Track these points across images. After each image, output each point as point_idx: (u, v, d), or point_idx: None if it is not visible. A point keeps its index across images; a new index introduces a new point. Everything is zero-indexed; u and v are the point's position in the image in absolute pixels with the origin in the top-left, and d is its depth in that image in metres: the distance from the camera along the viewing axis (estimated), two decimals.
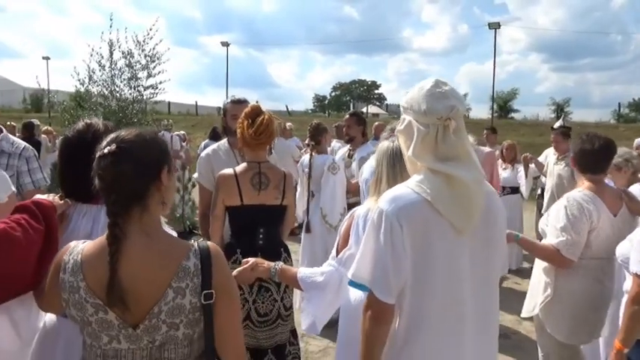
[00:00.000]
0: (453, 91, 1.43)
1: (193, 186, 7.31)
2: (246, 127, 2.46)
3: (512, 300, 4.43)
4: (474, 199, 1.39)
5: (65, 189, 1.59)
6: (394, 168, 1.69)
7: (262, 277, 1.96)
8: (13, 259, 1.30)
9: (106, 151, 1.19)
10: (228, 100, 2.99)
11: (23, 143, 2.78)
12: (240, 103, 2.90)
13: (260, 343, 2.48)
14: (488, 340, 1.48)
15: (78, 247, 1.25)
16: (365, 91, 59.86)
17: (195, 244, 1.25)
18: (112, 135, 1.24)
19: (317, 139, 4.24)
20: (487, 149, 5.25)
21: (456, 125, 1.39)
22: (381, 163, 1.74)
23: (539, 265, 2.50)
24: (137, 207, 1.20)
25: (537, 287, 2.49)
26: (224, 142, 3.02)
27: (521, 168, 5.85)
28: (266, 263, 1.89)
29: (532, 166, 5.64)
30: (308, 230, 4.20)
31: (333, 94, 60.28)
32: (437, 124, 1.39)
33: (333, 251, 1.85)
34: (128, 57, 7.90)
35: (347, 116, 4.55)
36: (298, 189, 4.42)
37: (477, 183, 1.41)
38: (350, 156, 4.48)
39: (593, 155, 2.41)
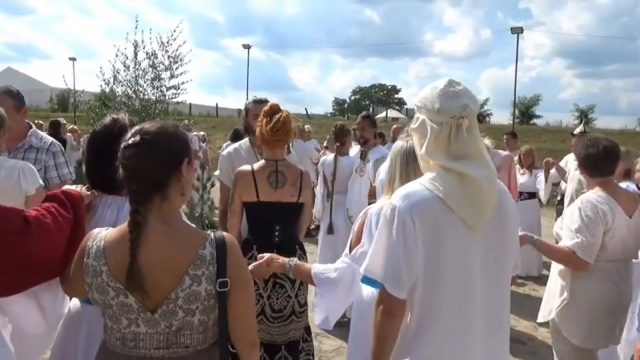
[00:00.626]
0: (466, 90, 1.45)
1: (212, 186, 7.41)
2: (265, 124, 2.51)
3: (529, 306, 4.39)
4: (486, 197, 1.40)
5: (92, 180, 1.65)
6: (407, 166, 1.71)
7: (277, 272, 1.99)
8: (43, 245, 1.36)
9: (130, 141, 1.24)
10: (250, 100, 3.07)
11: (51, 139, 2.88)
12: (262, 102, 2.95)
13: (274, 338, 2.51)
14: (498, 338, 1.48)
15: (101, 234, 1.30)
16: (385, 95, 59.60)
17: (212, 234, 1.29)
18: (137, 127, 1.30)
19: (342, 140, 4.26)
20: (504, 152, 5.20)
21: (468, 124, 1.40)
22: (395, 161, 1.76)
23: (555, 269, 2.48)
24: (158, 196, 1.25)
25: (553, 291, 2.47)
26: (245, 141, 3.08)
27: (540, 173, 5.77)
28: (281, 259, 1.92)
29: (553, 171, 5.57)
30: (332, 232, 4.19)
31: (353, 97, 60.21)
32: (450, 123, 1.41)
33: (347, 248, 1.87)
34: (152, 58, 8.07)
35: (359, 119, 4.56)
36: (317, 190, 4.43)
37: (489, 181, 1.41)
38: (362, 157, 4.50)
39: (599, 158, 2.39)
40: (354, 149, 6.62)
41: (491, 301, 1.44)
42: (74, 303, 1.62)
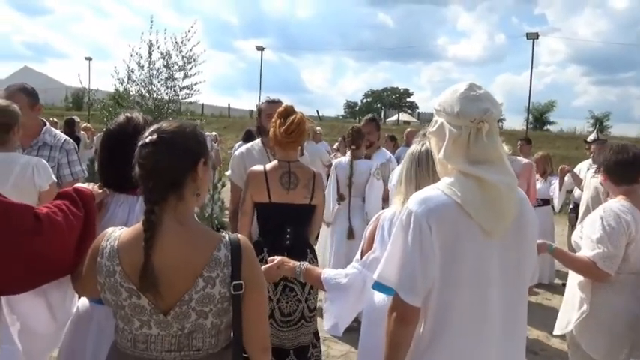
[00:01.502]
0: (488, 94, 1.43)
1: (223, 186, 7.43)
2: (278, 125, 2.50)
3: (542, 315, 4.32)
4: (505, 204, 1.38)
5: (104, 179, 1.65)
6: (410, 170, 1.71)
7: (287, 275, 1.98)
8: (54, 243, 1.36)
9: (147, 140, 1.24)
10: (264, 101, 3.06)
11: (64, 136, 2.89)
12: (275, 103, 2.94)
13: (283, 342, 2.49)
14: (515, 346, 1.46)
15: (115, 233, 1.30)
16: (397, 98, 59.53)
17: (226, 235, 1.28)
18: (155, 126, 1.29)
19: (358, 142, 4.23)
20: (525, 160, 5.13)
21: (489, 128, 1.39)
22: (404, 165, 1.76)
23: (574, 280, 2.42)
24: (173, 196, 1.24)
25: (572, 302, 2.41)
26: (258, 141, 3.08)
27: (554, 180, 5.69)
28: (292, 262, 1.91)
29: (567, 178, 5.48)
30: (351, 236, 4.12)
31: (365, 100, 60.14)
32: (469, 127, 1.39)
33: (358, 254, 1.85)
34: (166, 58, 8.12)
35: (365, 122, 4.51)
36: (327, 193, 4.41)
37: (508, 188, 1.40)
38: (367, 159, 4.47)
39: (627, 165, 2.34)
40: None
41: (508, 309, 1.42)
42: (83, 302, 1.62)
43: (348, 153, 4.31)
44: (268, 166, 2.56)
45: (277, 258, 1.91)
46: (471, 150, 1.39)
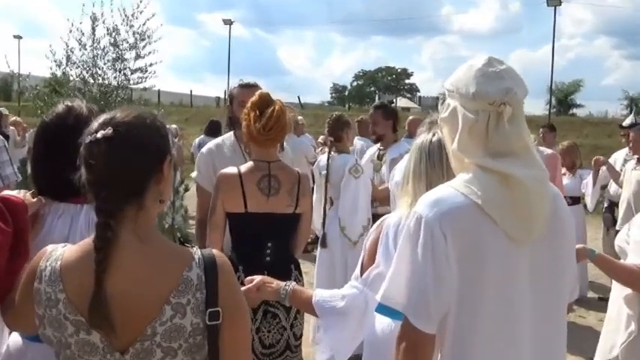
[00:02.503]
0: (510, 70, 1.43)
1: (186, 190, 7.38)
2: (253, 119, 2.46)
3: (577, 337, 4.34)
4: (535, 204, 1.38)
5: (39, 184, 1.62)
6: (419, 164, 1.71)
7: (270, 299, 1.97)
8: None
9: (99, 135, 1.20)
10: (236, 85, 3.03)
11: None
12: (250, 87, 2.92)
13: None
14: None
15: (57, 252, 1.26)
16: (393, 80, 60.20)
17: (199, 251, 1.26)
18: (106, 116, 1.25)
19: (337, 134, 4.25)
20: (549, 151, 5.19)
21: (512, 112, 1.38)
22: (410, 158, 1.75)
23: (619, 294, 2.43)
24: (133, 205, 1.22)
25: (616, 322, 2.42)
26: (229, 135, 3.05)
27: (585, 174, 5.76)
28: (275, 283, 1.89)
29: (602, 172, 5.55)
30: (324, 245, 4.21)
31: (355, 83, 60.76)
32: (488, 111, 1.39)
33: (357, 270, 1.85)
34: (114, 34, 8.05)
35: (372, 110, 4.55)
36: (314, 196, 4.43)
37: (538, 183, 1.40)
38: (380, 157, 4.47)
39: None
40: (360, 145, 6.62)
41: (542, 333, 1.42)
42: (14, 339, 1.59)
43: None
44: (243, 168, 2.54)
45: (257, 278, 1.89)
46: (491, 139, 1.39)
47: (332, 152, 4.24)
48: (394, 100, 34.39)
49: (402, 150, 4.25)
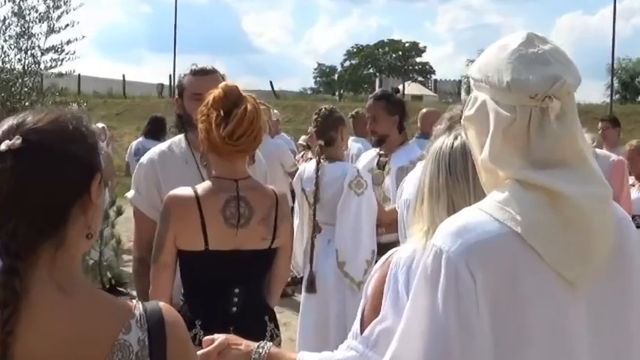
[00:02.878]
0: (557, 51, 1.46)
1: (118, 213, 7.36)
2: (216, 123, 2.45)
3: None
4: (594, 230, 1.40)
5: None
6: (437, 178, 1.72)
7: None
8: None
9: (3, 147, 1.21)
10: (188, 72, 3.01)
11: None
12: (207, 74, 2.93)
13: None
14: None
15: None
16: (400, 59, 60.41)
17: (140, 305, 1.27)
18: (11, 121, 1.26)
19: (329, 135, 4.27)
20: (614, 157, 5.25)
21: (560, 108, 1.40)
22: (425, 170, 1.78)
23: None
24: (51, 241, 1.23)
25: None
26: (179, 140, 3.05)
27: None
28: (244, 344, 1.91)
29: None
30: (312, 289, 4.21)
31: (348, 64, 60.93)
32: (529, 107, 1.41)
33: (356, 324, 1.86)
34: (17, 0, 8.04)
35: (370, 101, 4.60)
36: (295, 221, 4.46)
37: (597, 203, 1.42)
38: (381, 166, 4.48)
39: None
40: (356, 148, 6.65)
41: None
42: None
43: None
44: (202, 188, 2.54)
45: (219, 337, 1.90)
46: (534, 145, 1.41)
47: (322, 161, 4.26)
48: (401, 88, 34.54)
49: (412, 156, 4.29)
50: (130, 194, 3.05)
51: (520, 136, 1.42)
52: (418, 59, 61.20)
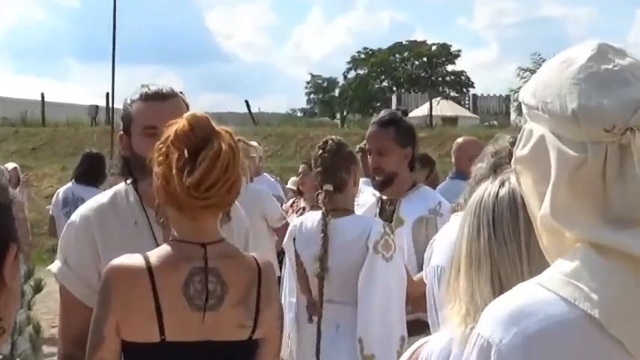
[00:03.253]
0: (638, 66, 1.47)
1: (37, 290, 7.35)
2: (177, 167, 2.44)
3: None
4: None
5: None
6: (478, 239, 1.75)
7: None
8: None
9: None
10: (136, 94, 3.01)
11: None
12: (164, 99, 2.94)
13: None
14: None
15: None
16: (424, 66, 60.70)
17: None
18: None
19: (339, 178, 4.28)
20: None
21: None
22: (462, 229, 1.81)
23: None
24: None
25: None
26: (125, 190, 3.06)
27: None
28: None
29: None
30: None
31: (353, 74, 61.29)
32: (604, 143, 1.42)
33: None
34: None
35: (374, 127, 4.66)
36: (285, 299, 4.52)
37: None
38: (388, 216, 4.50)
39: None
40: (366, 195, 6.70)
41: None
42: None
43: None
44: (156, 256, 2.54)
45: None
46: (612, 194, 1.42)
47: (329, 216, 4.24)
48: (427, 107, 34.52)
49: (430, 203, 4.37)
50: (55, 267, 3.00)
51: (593, 183, 1.42)
52: (450, 67, 61.37)
